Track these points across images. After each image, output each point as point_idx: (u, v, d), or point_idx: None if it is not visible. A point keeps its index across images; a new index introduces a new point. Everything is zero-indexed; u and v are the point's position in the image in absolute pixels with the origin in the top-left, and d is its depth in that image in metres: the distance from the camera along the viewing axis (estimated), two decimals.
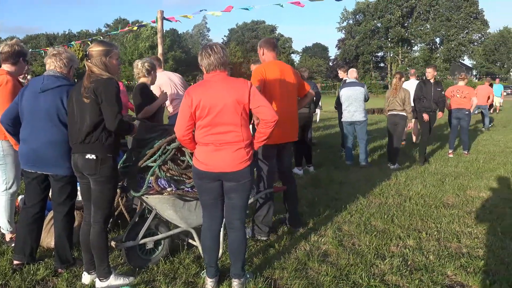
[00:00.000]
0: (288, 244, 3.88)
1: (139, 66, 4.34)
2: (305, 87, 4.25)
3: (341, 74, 8.45)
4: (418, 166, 7.39)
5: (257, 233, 4.03)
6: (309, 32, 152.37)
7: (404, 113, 7.23)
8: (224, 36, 75.45)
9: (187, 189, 3.25)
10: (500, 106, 22.60)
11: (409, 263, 3.48)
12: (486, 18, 64.96)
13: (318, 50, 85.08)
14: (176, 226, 3.48)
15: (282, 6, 7.24)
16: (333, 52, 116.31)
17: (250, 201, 3.53)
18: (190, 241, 3.71)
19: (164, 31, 7.68)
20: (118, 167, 3.29)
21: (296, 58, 78.19)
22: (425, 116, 7.56)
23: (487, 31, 67.44)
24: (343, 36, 72.99)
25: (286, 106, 3.93)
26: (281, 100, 3.90)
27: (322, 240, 3.96)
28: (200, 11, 8.16)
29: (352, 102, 7.34)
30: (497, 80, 23.79)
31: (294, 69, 4.22)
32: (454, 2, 62.33)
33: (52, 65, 3.22)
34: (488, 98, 13.65)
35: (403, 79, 7.44)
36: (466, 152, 8.71)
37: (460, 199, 5.37)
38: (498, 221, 4.46)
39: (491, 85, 16.01)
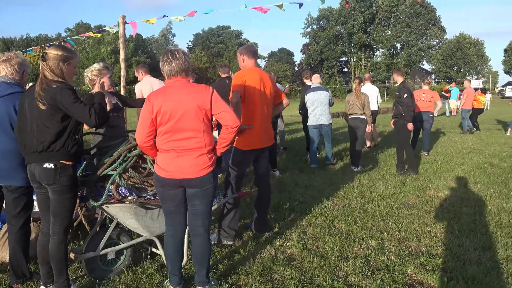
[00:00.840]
0: (253, 249, 3.88)
1: (88, 74, 4.16)
2: (280, 95, 4.31)
3: (305, 80, 8.70)
4: (380, 168, 7.59)
5: (223, 237, 4.03)
6: (274, 37, 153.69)
7: (364, 117, 7.41)
8: (190, 41, 74.94)
9: (149, 197, 3.20)
10: (457, 109, 23.58)
11: (371, 263, 3.56)
12: (443, 25, 67.70)
13: (283, 55, 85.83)
14: (139, 235, 3.41)
15: (246, 6, 7.25)
16: (298, 57, 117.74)
17: (214, 207, 3.52)
18: (154, 249, 3.64)
19: (127, 36, 7.54)
20: (78, 176, 3.21)
21: (262, 63, 78.63)
22: (410, 126, 7.17)
23: (444, 37, 70.45)
24: (307, 41, 74.18)
25: (264, 112, 3.99)
26: (261, 106, 3.95)
27: (287, 244, 3.98)
28: (164, 16, 8.07)
29: (318, 106, 7.54)
30: (453, 83, 24.83)
31: (271, 76, 4.27)
32: (413, 9, 64.60)
33: (3, 71, 3.09)
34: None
35: (362, 83, 7.66)
36: (426, 154, 9.01)
37: (420, 199, 5.55)
38: (455, 219, 4.64)
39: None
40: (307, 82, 8.64)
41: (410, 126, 7.08)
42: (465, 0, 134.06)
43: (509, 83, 73.60)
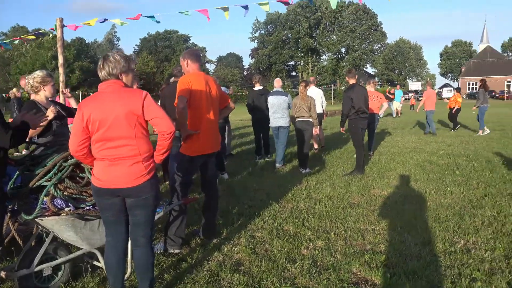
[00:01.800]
0: (201, 256, 3.81)
1: (30, 81, 3.98)
2: (226, 99, 4.26)
3: (255, 85, 8.77)
4: (327, 169, 7.75)
5: (170, 246, 3.92)
6: (223, 42, 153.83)
7: (310, 119, 7.55)
8: (136, 45, 73.17)
9: (88, 207, 3.04)
10: (400, 110, 24.77)
11: (318, 264, 3.60)
12: (384, 30, 70.87)
13: (232, 60, 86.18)
14: (79, 248, 3.24)
15: (189, 14, 7.17)
16: (247, 61, 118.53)
17: (158, 215, 3.42)
18: (95, 262, 3.47)
19: (68, 40, 7.19)
20: (8, 188, 3.00)
21: (211, 67, 78.40)
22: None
23: (386, 41, 73.79)
24: (256, 45, 74.91)
25: (211, 116, 3.93)
26: (207, 110, 3.88)
27: (235, 249, 3.95)
28: (105, 20, 7.80)
29: (277, 109, 7.89)
30: (398, 86, 26.12)
31: (216, 80, 4.21)
32: (356, 15, 67.14)
33: None
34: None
35: (308, 87, 7.81)
36: (371, 153, 9.34)
37: (365, 198, 5.71)
38: (398, 216, 4.81)
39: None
40: (257, 86, 8.73)
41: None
42: (404, 6, 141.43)
43: (445, 85, 78.38)
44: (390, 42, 76.05)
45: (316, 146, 10.07)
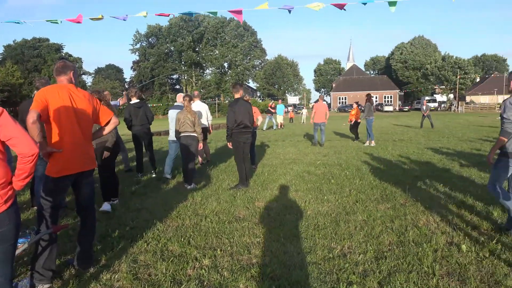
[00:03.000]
0: None
1: None
2: (106, 114, 3.92)
3: (132, 98, 8.53)
4: (213, 184, 7.74)
5: (38, 281, 3.47)
6: (101, 53, 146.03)
7: (195, 134, 7.49)
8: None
9: None
10: (283, 123, 26.23)
11: (205, 283, 3.51)
12: (264, 47, 74.62)
13: (112, 72, 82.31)
14: None
15: (59, 23, 6.60)
16: (128, 74, 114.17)
17: (22, 247, 3.01)
18: None
19: None
20: None
21: (88, 79, 73.74)
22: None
23: (266, 57, 77.71)
24: (137, 58, 72.65)
25: (77, 133, 3.58)
26: (71, 127, 3.53)
27: (116, 276, 3.66)
28: None
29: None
30: (280, 101, 27.66)
31: (90, 94, 3.85)
32: (238, 31, 69.47)
33: None
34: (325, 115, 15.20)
35: (192, 101, 7.74)
36: (254, 166, 9.59)
37: (250, 211, 5.80)
38: (281, 227, 4.97)
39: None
40: (133, 99, 8.47)
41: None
42: (281, 24, 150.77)
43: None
44: (270, 58, 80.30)
45: (200, 160, 10.03)
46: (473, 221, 5.00)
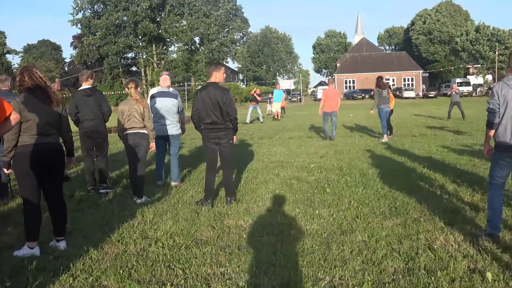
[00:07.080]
0: None
1: None
2: (4, 111, 3.81)
3: (83, 83, 8.03)
4: (171, 196, 7.66)
5: None
6: (32, 25, 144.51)
7: (145, 131, 7.39)
8: None
9: None
10: (281, 113, 26.26)
11: None
12: (246, 16, 74.62)
13: (47, 50, 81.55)
14: None
15: None
16: (68, 53, 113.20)
17: None
18: None
19: None
20: None
21: (15, 59, 72.90)
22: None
23: (249, 30, 77.63)
24: (79, 31, 71.95)
25: None
26: None
27: None
28: None
29: (164, 114, 8.40)
30: (278, 86, 27.90)
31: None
32: None
33: None
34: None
35: (138, 88, 7.51)
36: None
37: (216, 231, 5.75)
38: (255, 252, 4.94)
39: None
40: (85, 85, 8.05)
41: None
42: None
43: (320, 84, 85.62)
44: (254, 31, 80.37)
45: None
46: (504, 240, 5.03)
